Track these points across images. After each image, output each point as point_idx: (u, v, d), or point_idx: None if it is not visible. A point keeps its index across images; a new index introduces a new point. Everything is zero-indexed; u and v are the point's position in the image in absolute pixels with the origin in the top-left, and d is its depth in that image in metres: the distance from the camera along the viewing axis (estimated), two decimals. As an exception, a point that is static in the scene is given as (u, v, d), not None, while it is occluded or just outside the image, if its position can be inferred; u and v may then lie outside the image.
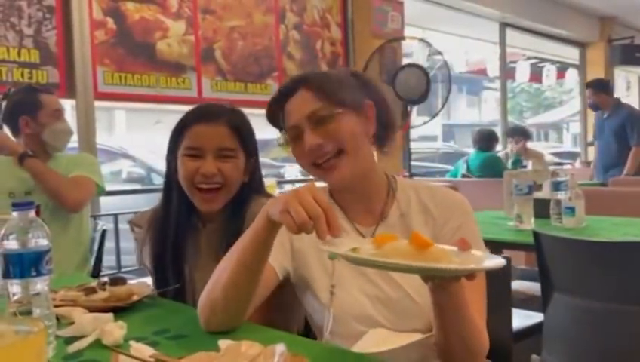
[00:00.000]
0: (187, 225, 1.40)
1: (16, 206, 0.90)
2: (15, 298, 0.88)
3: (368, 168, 1.15)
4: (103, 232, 2.46)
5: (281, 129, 1.17)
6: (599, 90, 5.05)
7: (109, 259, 3.24)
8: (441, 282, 0.91)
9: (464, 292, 0.96)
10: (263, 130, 1.37)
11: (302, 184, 1.09)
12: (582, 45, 8.25)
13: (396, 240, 0.87)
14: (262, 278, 1.03)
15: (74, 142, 3.38)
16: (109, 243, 3.06)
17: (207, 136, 1.33)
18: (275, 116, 1.18)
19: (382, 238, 0.88)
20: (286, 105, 1.14)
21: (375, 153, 1.19)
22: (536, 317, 1.98)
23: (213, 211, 1.36)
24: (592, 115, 8.24)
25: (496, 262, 0.84)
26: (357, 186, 1.15)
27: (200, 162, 1.33)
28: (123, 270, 3.32)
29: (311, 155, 1.11)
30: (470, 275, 0.85)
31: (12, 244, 0.88)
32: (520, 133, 5.39)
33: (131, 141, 7.72)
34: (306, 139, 1.09)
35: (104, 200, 3.53)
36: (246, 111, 1.44)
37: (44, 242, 0.89)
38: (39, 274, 0.88)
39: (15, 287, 0.88)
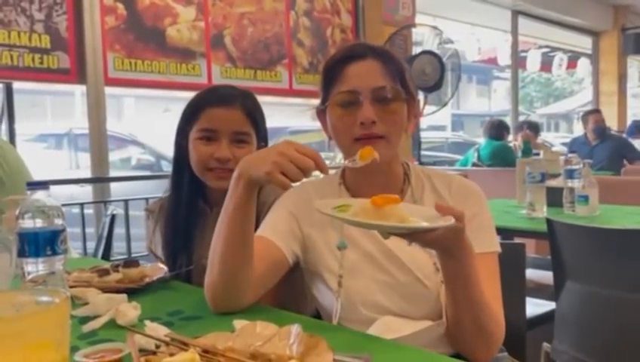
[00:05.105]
0: (196, 208, 1.39)
1: (31, 185, 0.90)
2: (30, 277, 0.88)
3: (395, 156, 1.15)
4: (113, 217, 2.45)
5: (326, 90, 1.13)
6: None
7: (119, 246, 3.25)
8: (447, 248, 0.92)
9: (475, 264, 0.96)
10: (273, 118, 1.36)
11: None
12: (595, 34, 8.15)
13: (397, 202, 0.91)
14: (255, 249, 1.03)
15: (84, 128, 3.40)
16: (120, 229, 3.06)
17: (222, 119, 1.32)
18: (330, 74, 1.12)
19: (380, 199, 0.91)
20: (348, 67, 1.10)
21: None
22: (546, 306, 1.97)
23: (224, 191, 1.34)
24: (605, 105, 8.19)
25: (440, 223, 0.88)
26: (379, 172, 1.14)
27: (214, 146, 1.32)
28: (134, 256, 3.32)
29: (359, 128, 1.08)
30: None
31: (27, 223, 0.88)
32: (528, 127, 5.46)
33: (141, 128, 7.73)
34: (364, 111, 1.07)
35: (114, 186, 3.54)
36: (255, 98, 1.43)
37: (59, 221, 0.89)
38: (55, 253, 0.88)
39: (30, 266, 0.88)
